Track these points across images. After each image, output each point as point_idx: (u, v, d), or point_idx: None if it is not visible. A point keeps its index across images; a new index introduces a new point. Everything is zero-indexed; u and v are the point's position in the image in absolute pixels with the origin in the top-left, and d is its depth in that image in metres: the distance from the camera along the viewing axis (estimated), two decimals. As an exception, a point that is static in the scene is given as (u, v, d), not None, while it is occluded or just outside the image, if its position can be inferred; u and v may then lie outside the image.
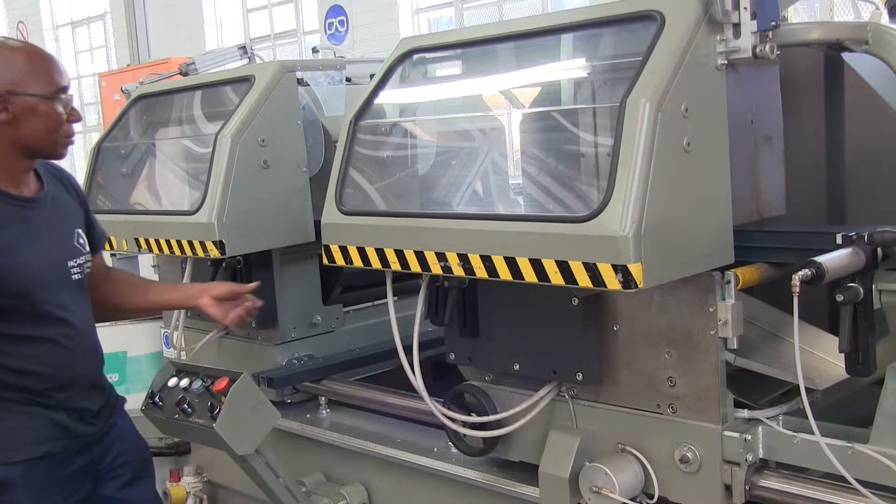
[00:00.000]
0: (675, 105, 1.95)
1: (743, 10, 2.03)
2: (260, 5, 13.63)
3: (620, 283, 1.90)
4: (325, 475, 3.15)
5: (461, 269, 2.20)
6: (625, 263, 1.88)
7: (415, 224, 2.36)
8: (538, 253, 2.04)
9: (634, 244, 1.88)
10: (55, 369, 2.40)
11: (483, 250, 2.16)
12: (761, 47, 2.05)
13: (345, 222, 2.53)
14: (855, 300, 1.94)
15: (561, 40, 2.45)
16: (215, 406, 2.57)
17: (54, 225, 2.44)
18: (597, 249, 1.93)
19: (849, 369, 2.02)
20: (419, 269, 2.32)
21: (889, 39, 2.20)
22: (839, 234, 2.01)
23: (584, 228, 1.95)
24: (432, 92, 2.95)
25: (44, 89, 2.30)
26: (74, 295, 2.46)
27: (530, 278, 2.07)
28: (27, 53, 2.34)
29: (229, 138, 3.03)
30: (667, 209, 1.94)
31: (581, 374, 2.26)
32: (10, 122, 2.28)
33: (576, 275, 1.98)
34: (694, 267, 2.04)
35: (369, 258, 2.45)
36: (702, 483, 2.15)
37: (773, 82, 2.40)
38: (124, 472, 2.63)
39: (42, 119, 2.31)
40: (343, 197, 2.56)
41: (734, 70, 2.14)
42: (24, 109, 2.28)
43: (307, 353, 3.42)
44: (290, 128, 3.21)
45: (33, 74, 2.30)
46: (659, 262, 1.92)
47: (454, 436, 2.58)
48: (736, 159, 2.26)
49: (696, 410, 2.15)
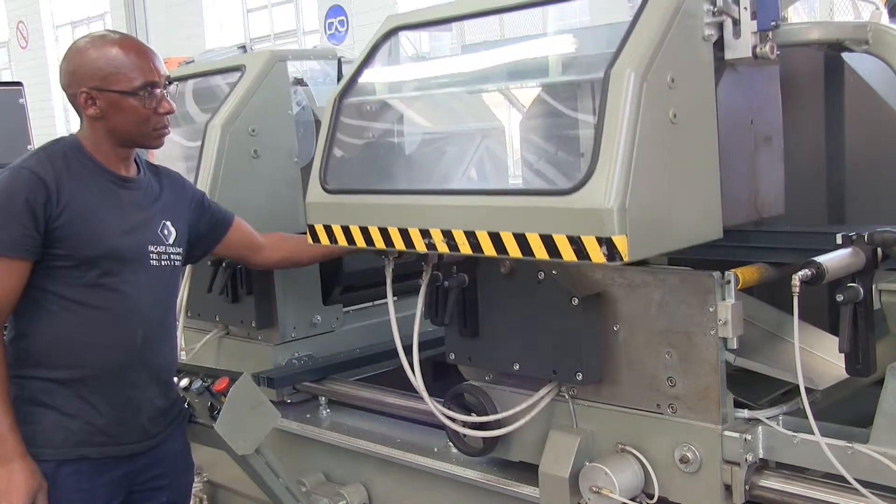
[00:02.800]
0: (660, 76, 1.93)
1: (743, 10, 2.03)
2: (260, 5, 13.64)
3: (605, 255, 1.88)
4: (325, 475, 3.15)
5: (445, 246, 2.19)
6: (609, 236, 1.87)
7: (398, 201, 2.35)
8: (522, 227, 2.03)
9: (619, 216, 1.86)
10: (112, 346, 2.40)
11: (467, 226, 2.14)
12: (761, 47, 2.05)
13: (329, 201, 2.51)
14: (855, 300, 1.94)
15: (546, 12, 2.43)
16: (215, 406, 2.57)
17: (142, 209, 2.49)
18: (581, 222, 1.91)
19: (849, 369, 2.02)
20: (403, 246, 2.30)
21: (889, 39, 2.20)
22: (839, 234, 2.00)
23: (568, 201, 1.94)
24: (417, 69, 2.94)
25: (127, 86, 2.37)
26: (150, 280, 2.46)
27: (514, 253, 2.05)
28: (117, 49, 2.39)
29: (219, 127, 3.02)
30: (652, 182, 1.92)
31: (581, 374, 2.26)
32: (100, 117, 2.39)
33: (560, 249, 1.96)
34: (681, 241, 2.02)
35: (353, 237, 2.43)
36: (702, 483, 2.15)
37: (773, 82, 2.40)
38: (158, 495, 2.59)
39: (128, 114, 2.39)
40: (327, 176, 2.54)
41: (734, 70, 2.14)
42: (111, 105, 2.38)
43: (307, 353, 3.42)
44: (280, 118, 3.19)
45: (119, 71, 2.37)
46: (644, 235, 1.91)
47: (454, 436, 2.58)
48: (735, 159, 2.27)
49: (696, 410, 2.15)
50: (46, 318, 2.36)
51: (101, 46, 2.40)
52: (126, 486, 2.49)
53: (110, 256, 2.37)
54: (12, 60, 17.70)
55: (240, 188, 3.05)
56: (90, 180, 2.39)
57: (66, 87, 2.43)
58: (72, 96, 2.42)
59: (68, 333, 2.37)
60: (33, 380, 2.37)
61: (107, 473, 2.43)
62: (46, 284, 2.34)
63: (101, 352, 2.39)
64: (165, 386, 2.57)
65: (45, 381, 2.36)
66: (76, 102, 2.42)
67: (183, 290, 3.18)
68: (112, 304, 2.39)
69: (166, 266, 2.52)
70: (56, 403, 2.36)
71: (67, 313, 2.36)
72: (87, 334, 2.37)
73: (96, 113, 2.38)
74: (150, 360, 2.48)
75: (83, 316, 2.36)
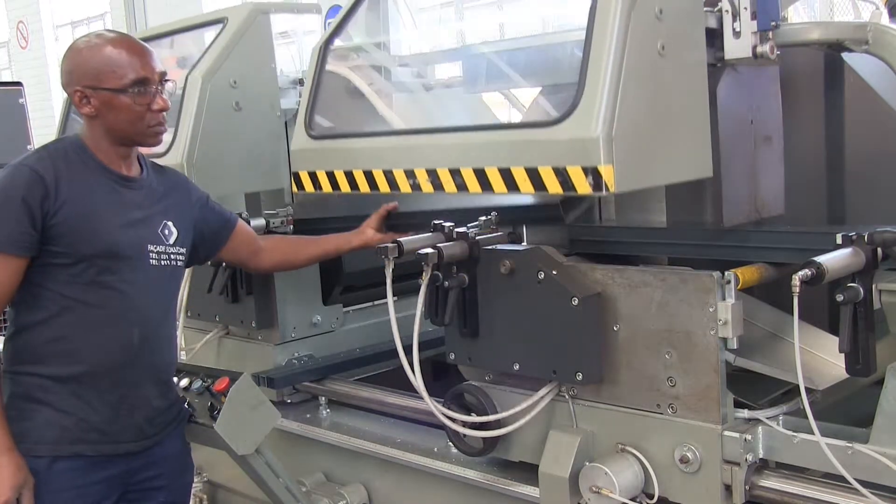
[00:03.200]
0: (648, 6, 1.92)
1: (743, 10, 2.03)
2: (260, 5, 13.63)
3: (591, 185, 1.87)
4: (325, 475, 3.15)
5: (430, 185, 2.17)
6: (595, 165, 1.86)
7: (383, 143, 2.34)
8: (507, 162, 2.01)
9: (605, 146, 1.84)
10: (109, 344, 2.39)
11: (452, 163, 2.12)
12: (761, 47, 2.04)
13: (314, 147, 2.50)
14: (855, 300, 1.94)
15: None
16: (215, 406, 2.57)
17: (142, 208, 2.48)
18: (567, 153, 1.90)
19: (849, 369, 2.02)
20: (388, 188, 2.28)
21: (889, 39, 2.20)
22: (839, 234, 2.00)
23: (553, 133, 1.93)
24: (404, 16, 2.93)
25: (117, 83, 2.37)
26: (149, 280, 2.46)
27: (499, 189, 2.04)
28: (109, 47, 2.39)
29: (200, 78, 2.98)
30: (640, 113, 1.90)
31: (581, 374, 2.26)
32: (95, 115, 2.40)
33: (545, 181, 1.95)
34: (669, 176, 2.01)
35: (338, 182, 2.42)
36: (702, 483, 2.15)
37: (773, 82, 2.40)
38: (157, 495, 2.58)
39: (121, 111, 2.38)
40: (312, 122, 2.53)
41: (734, 70, 2.14)
42: (104, 103, 2.38)
43: (307, 353, 3.42)
44: (263, 70, 3.15)
45: (110, 69, 2.37)
46: (631, 166, 1.89)
47: (454, 436, 2.57)
48: (735, 159, 2.26)
49: (696, 410, 2.15)
50: (43, 315, 2.36)
51: (94, 45, 2.40)
52: (122, 484, 2.49)
53: (108, 254, 2.37)
54: (12, 60, 17.70)
55: (221, 141, 3.00)
56: (91, 179, 2.39)
57: (65, 87, 2.44)
58: (70, 95, 2.43)
59: (65, 331, 2.37)
60: (29, 376, 2.37)
61: (102, 471, 2.43)
62: (44, 282, 2.34)
63: (98, 350, 2.39)
64: (164, 386, 2.57)
65: (41, 378, 2.37)
66: (73, 101, 2.42)
67: (183, 290, 3.18)
68: (110, 302, 2.39)
69: (166, 266, 2.51)
70: (51, 400, 2.36)
71: (65, 311, 2.36)
72: (85, 332, 2.37)
73: (91, 111, 2.39)
74: (148, 360, 2.47)
75: (81, 314, 2.36)
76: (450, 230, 2.53)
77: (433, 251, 2.39)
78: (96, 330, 2.38)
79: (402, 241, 2.46)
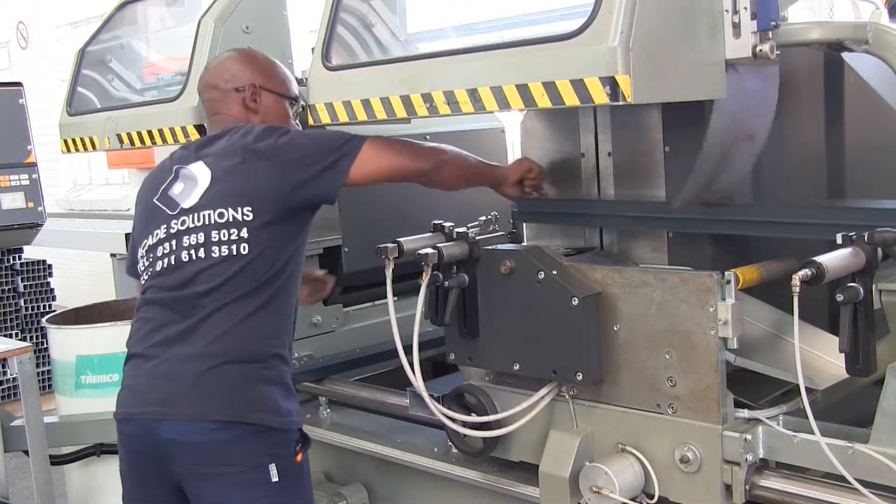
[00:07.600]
0: None
1: (743, 10, 2.03)
2: (260, 5, 13.63)
3: (608, 95, 1.86)
4: (325, 475, 3.15)
5: (447, 108, 2.16)
6: (612, 75, 1.85)
7: (398, 68, 2.33)
8: (524, 78, 2.00)
9: (622, 55, 1.84)
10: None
11: (468, 84, 2.11)
12: (761, 47, 2.04)
13: (331, 77, 2.50)
14: (855, 300, 1.94)
15: None
16: (215, 406, 2.56)
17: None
18: (585, 65, 1.89)
19: (849, 369, 2.02)
20: (405, 114, 2.28)
21: (889, 39, 2.20)
22: (839, 234, 2.00)
23: (571, 45, 1.92)
24: None
25: (287, 92, 2.69)
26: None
27: (516, 105, 2.04)
28: (274, 61, 2.73)
29: (212, 22, 2.97)
30: (657, 26, 1.90)
31: (581, 374, 2.26)
32: (255, 112, 2.62)
33: (563, 94, 1.94)
34: (684, 93, 2.01)
35: (355, 111, 2.42)
36: (702, 483, 2.15)
37: (770, 82, 2.39)
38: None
39: (280, 117, 2.64)
40: (329, 53, 2.53)
41: (734, 70, 2.14)
42: (269, 104, 2.63)
43: (307, 353, 3.42)
44: (275, 17, 3.14)
45: (281, 77, 2.69)
46: (648, 78, 1.89)
47: (454, 436, 2.58)
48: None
49: (696, 410, 2.15)
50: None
51: (257, 54, 2.73)
52: None
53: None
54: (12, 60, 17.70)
55: None
56: None
57: (230, 81, 2.62)
58: (238, 89, 2.61)
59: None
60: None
61: None
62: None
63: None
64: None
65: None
66: (245, 94, 2.61)
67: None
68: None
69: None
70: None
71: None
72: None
73: (255, 108, 2.60)
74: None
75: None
76: (450, 230, 2.53)
77: (433, 251, 2.39)
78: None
79: (402, 241, 2.47)
